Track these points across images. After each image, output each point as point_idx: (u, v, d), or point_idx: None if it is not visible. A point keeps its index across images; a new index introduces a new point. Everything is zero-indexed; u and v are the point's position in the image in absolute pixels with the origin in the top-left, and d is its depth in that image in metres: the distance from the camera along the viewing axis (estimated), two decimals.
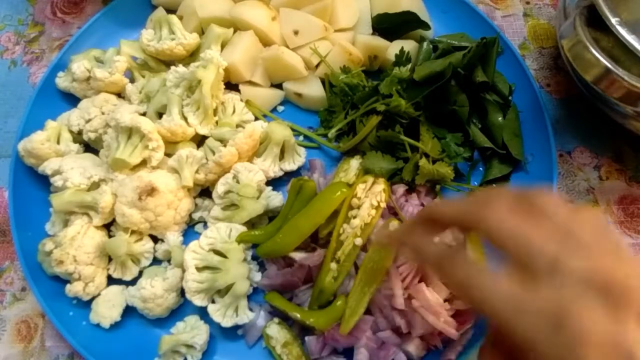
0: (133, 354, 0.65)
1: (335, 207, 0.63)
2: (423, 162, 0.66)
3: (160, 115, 0.72)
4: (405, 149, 0.68)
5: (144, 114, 0.72)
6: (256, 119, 0.77)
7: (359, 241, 0.63)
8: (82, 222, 0.66)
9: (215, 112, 0.74)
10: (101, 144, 0.72)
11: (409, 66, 0.74)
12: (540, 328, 0.36)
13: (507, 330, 0.38)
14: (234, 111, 0.75)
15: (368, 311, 0.63)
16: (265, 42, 0.79)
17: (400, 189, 0.69)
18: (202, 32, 0.80)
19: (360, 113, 0.71)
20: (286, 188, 0.73)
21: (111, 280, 0.68)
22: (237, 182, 0.69)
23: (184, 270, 0.64)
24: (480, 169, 0.75)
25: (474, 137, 0.71)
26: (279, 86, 0.81)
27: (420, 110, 0.70)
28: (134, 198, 0.64)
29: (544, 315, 0.36)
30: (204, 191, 0.73)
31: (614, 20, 0.60)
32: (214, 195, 0.70)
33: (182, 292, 0.66)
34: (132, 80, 0.78)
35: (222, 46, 0.78)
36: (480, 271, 0.41)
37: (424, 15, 0.81)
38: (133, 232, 0.68)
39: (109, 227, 0.70)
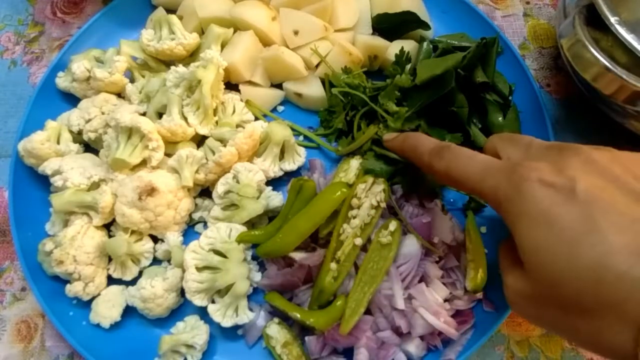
0: (133, 354, 0.65)
1: (335, 207, 0.63)
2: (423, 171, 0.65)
3: (160, 115, 0.72)
4: None
5: (144, 114, 0.72)
6: (256, 119, 0.77)
7: (359, 241, 0.63)
8: (82, 222, 0.66)
9: (215, 112, 0.74)
10: (101, 144, 0.72)
11: (409, 67, 0.73)
12: (499, 178, 0.44)
13: (480, 193, 0.47)
14: (234, 111, 0.75)
15: (368, 311, 0.63)
16: (265, 42, 0.79)
17: (400, 189, 0.69)
18: (202, 32, 0.80)
19: (359, 115, 0.71)
20: (286, 188, 0.73)
21: (111, 280, 0.68)
22: (237, 182, 0.69)
23: (184, 270, 0.64)
24: None
25: (474, 138, 0.71)
26: (279, 86, 0.81)
27: (421, 115, 0.70)
28: (134, 198, 0.64)
29: (504, 169, 0.45)
30: (204, 191, 0.73)
31: (613, 20, 0.60)
32: (214, 195, 0.70)
33: (182, 292, 0.66)
34: (132, 80, 0.78)
35: (222, 46, 0.78)
36: (464, 152, 0.50)
37: (424, 15, 0.81)
38: (133, 232, 0.68)
39: (109, 227, 0.70)
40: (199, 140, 0.74)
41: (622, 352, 0.37)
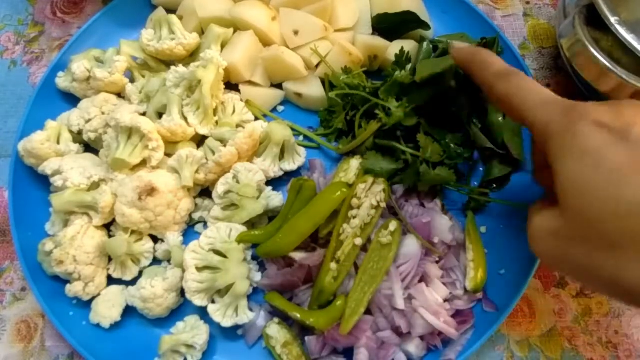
0: (133, 354, 0.65)
1: (335, 207, 0.63)
2: (424, 168, 0.65)
3: (160, 115, 0.72)
4: (405, 152, 0.68)
5: (144, 114, 0.72)
6: (256, 119, 0.77)
7: (359, 241, 0.63)
8: (82, 222, 0.66)
9: (215, 112, 0.74)
10: (101, 144, 0.72)
11: (409, 67, 0.73)
12: (556, 112, 0.45)
13: (530, 123, 0.47)
14: (234, 111, 0.75)
15: (368, 311, 0.63)
16: (265, 42, 0.79)
17: (401, 189, 0.69)
18: (202, 32, 0.80)
19: (359, 114, 0.71)
20: (286, 188, 0.73)
21: (111, 280, 0.68)
22: (237, 182, 0.69)
23: (184, 270, 0.64)
24: (481, 169, 0.75)
25: (474, 138, 0.71)
26: (279, 86, 0.81)
27: (421, 114, 0.70)
28: (134, 198, 0.64)
29: (563, 105, 0.45)
30: (204, 191, 0.73)
31: (613, 20, 0.60)
32: (214, 195, 0.70)
33: (182, 292, 0.66)
34: (132, 80, 0.78)
35: (222, 46, 0.79)
36: (532, 82, 0.50)
37: (424, 15, 0.81)
38: (133, 232, 0.68)
39: (109, 227, 0.70)
40: (199, 140, 0.74)
41: None
